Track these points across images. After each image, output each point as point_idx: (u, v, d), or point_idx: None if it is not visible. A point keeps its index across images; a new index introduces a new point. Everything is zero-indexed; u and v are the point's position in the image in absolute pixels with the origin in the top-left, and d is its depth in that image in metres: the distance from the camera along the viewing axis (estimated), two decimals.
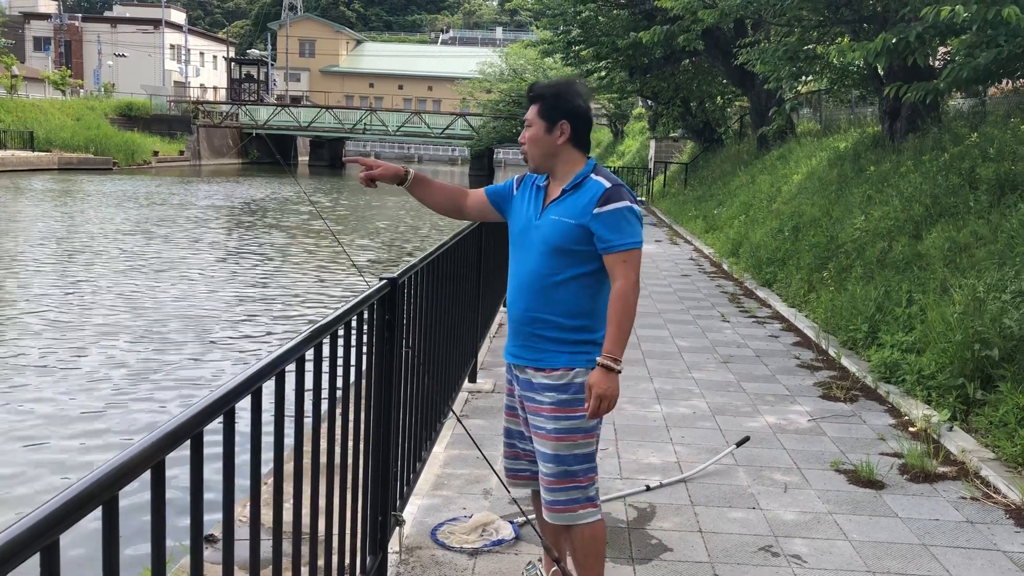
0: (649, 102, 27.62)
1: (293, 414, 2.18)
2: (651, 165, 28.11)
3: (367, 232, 22.99)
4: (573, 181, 2.79)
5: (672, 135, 27.66)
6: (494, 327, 7.82)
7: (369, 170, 2.95)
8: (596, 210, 2.70)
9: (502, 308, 8.63)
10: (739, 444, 4.87)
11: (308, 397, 2.25)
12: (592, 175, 2.79)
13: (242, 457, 1.79)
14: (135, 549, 4.22)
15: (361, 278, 3.21)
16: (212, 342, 10.36)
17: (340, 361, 2.58)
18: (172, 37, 66.26)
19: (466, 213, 3.11)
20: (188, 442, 1.58)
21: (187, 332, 10.73)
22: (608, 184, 2.74)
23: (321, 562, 2.46)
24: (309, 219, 25.18)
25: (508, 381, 3.04)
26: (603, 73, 23.86)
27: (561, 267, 2.77)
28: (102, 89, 55.10)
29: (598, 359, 2.71)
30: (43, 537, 1.13)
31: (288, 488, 2.17)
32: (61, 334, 10.40)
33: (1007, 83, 11.15)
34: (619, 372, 2.71)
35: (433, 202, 3.09)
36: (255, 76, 66.21)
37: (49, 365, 9.14)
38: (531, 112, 2.84)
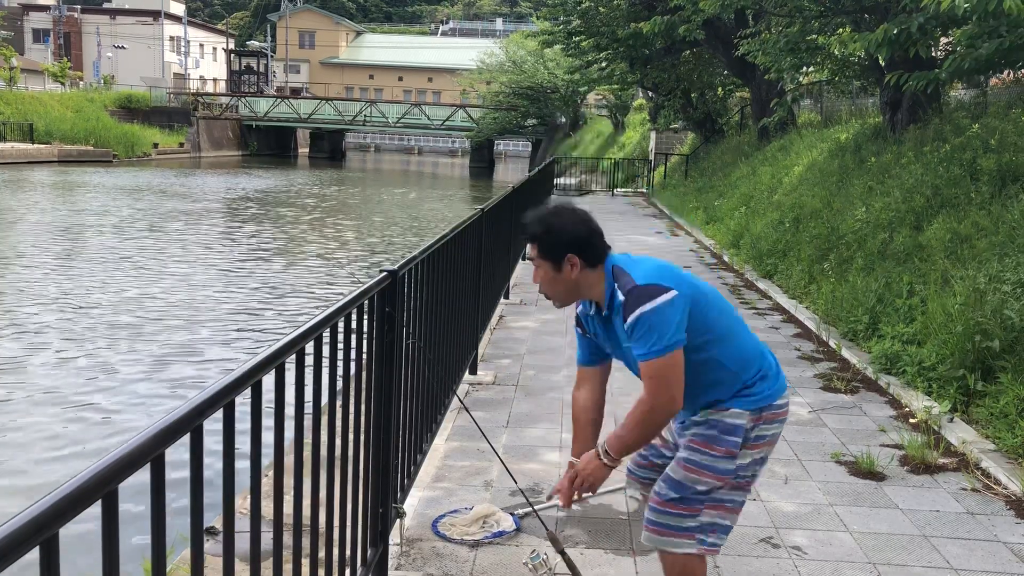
0: (650, 93, 27.54)
1: (293, 407, 2.17)
2: (652, 157, 28.06)
3: (366, 224, 22.97)
4: (607, 304, 2.63)
5: (673, 126, 27.57)
6: (494, 319, 7.82)
7: (571, 497, 2.73)
8: (626, 328, 2.55)
9: (503, 301, 8.63)
10: None
11: (308, 390, 2.24)
12: (616, 288, 2.59)
13: (242, 449, 1.79)
14: (135, 541, 4.23)
15: (360, 272, 3.17)
16: (211, 335, 10.36)
17: (340, 353, 2.58)
18: (171, 29, 66.14)
19: (602, 386, 2.90)
20: (188, 435, 1.57)
21: (185, 325, 10.73)
22: (622, 296, 2.56)
23: (322, 554, 2.46)
24: (310, 212, 25.16)
25: None
26: (603, 64, 23.80)
27: None
28: (101, 81, 55.02)
29: (599, 443, 2.63)
30: (43, 531, 1.12)
31: (288, 480, 2.17)
32: (61, 327, 10.40)
33: (1008, 74, 11.14)
34: (611, 467, 2.63)
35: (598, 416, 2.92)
36: (255, 68, 66.25)
37: (49, 358, 9.15)
38: (532, 251, 2.66)
